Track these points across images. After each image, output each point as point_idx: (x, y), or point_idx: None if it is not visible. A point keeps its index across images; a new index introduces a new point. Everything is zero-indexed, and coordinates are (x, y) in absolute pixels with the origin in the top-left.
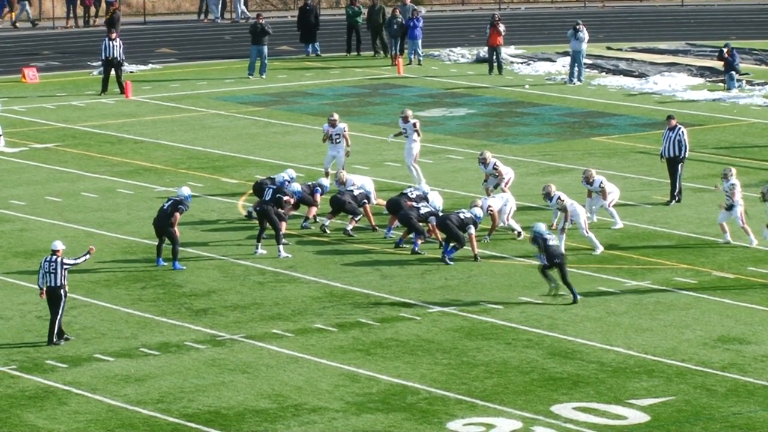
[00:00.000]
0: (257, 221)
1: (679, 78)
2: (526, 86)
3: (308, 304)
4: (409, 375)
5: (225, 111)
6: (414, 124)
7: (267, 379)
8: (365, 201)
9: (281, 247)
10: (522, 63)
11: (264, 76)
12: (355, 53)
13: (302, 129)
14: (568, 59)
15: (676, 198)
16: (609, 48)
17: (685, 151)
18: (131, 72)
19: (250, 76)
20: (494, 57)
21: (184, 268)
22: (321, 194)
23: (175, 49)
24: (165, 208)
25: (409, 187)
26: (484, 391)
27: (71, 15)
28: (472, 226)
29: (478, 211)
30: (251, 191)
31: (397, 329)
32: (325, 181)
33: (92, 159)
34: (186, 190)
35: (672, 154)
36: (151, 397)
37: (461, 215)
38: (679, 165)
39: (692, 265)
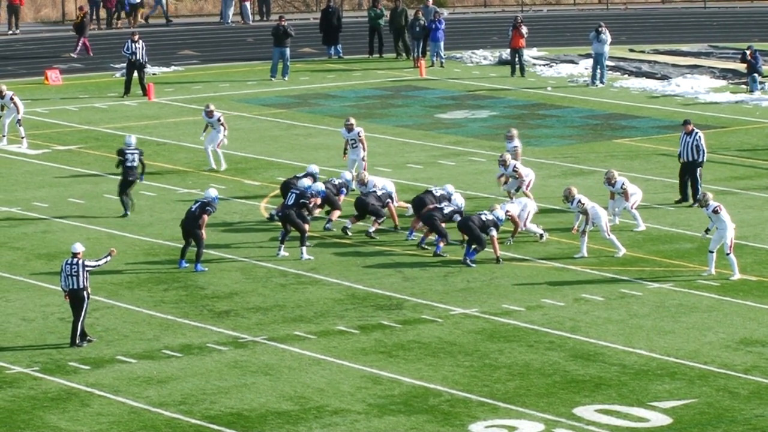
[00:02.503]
0: (281, 223)
1: (701, 80)
2: (549, 88)
3: (330, 306)
4: (431, 377)
5: (247, 113)
6: (358, 133)
7: (289, 381)
8: (389, 200)
9: (304, 249)
10: (544, 65)
11: (286, 78)
12: (378, 55)
13: (324, 131)
14: (590, 61)
15: (696, 201)
16: (631, 50)
17: (703, 156)
18: (154, 74)
19: (273, 78)
20: (516, 59)
21: (206, 270)
22: (345, 194)
23: (197, 51)
24: (193, 210)
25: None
26: (506, 394)
27: (94, 17)
28: (493, 229)
29: (500, 213)
30: (278, 191)
31: (419, 331)
32: (348, 175)
33: (115, 161)
34: (213, 192)
35: (690, 159)
36: (174, 399)
37: (483, 217)
38: (698, 169)
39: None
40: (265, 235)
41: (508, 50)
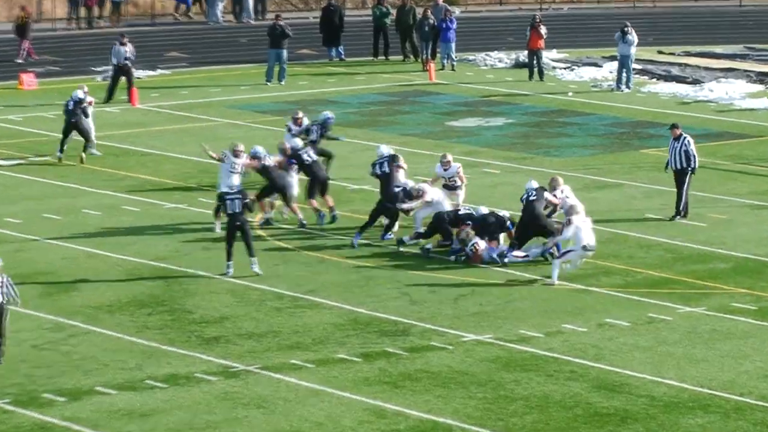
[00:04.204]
0: (227, 236)
1: (736, 84)
2: (570, 93)
3: (330, 331)
4: (440, 410)
5: (240, 120)
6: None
7: (285, 414)
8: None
9: (255, 260)
10: (565, 68)
11: (283, 83)
12: (383, 57)
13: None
14: (615, 64)
15: (681, 213)
16: (660, 52)
17: (694, 162)
18: (138, 78)
19: (268, 83)
20: (535, 62)
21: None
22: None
23: (185, 52)
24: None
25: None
26: (523, 428)
27: (74, 15)
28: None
29: (483, 210)
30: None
31: (428, 360)
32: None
33: (94, 173)
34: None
35: (679, 166)
36: None
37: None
38: (687, 177)
39: (751, 290)
40: (259, 254)
41: (526, 52)
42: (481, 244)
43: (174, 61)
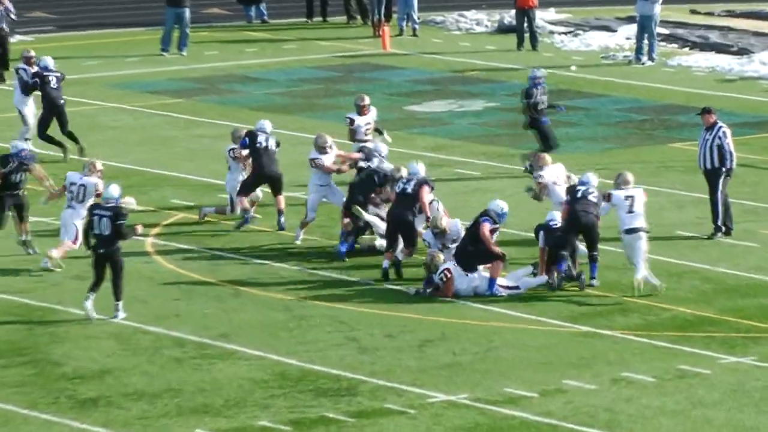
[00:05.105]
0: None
1: None
2: (573, 68)
3: (249, 390)
4: None
5: (127, 104)
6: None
7: None
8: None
9: (120, 304)
10: (567, 33)
11: (185, 53)
12: (320, 19)
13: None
14: (634, 28)
15: (722, 228)
16: (694, 11)
17: (730, 161)
18: None
19: (165, 53)
20: (526, 24)
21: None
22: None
23: (53, 12)
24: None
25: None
26: None
27: None
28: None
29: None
30: (177, 216)
31: (382, 428)
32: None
33: None
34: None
35: (710, 165)
36: None
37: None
38: (719, 180)
39: None
40: (150, 283)
41: (513, 11)
42: (455, 271)
43: (37, 23)
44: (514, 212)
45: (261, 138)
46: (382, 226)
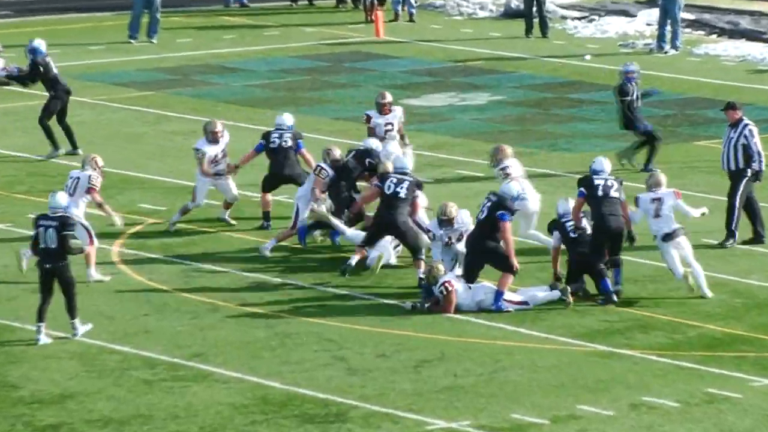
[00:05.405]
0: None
1: None
2: (588, 57)
3: (227, 416)
4: None
5: (89, 97)
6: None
7: None
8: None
9: (77, 322)
10: (580, 19)
11: (155, 40)
12: (306, 2)
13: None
14: (656, 12)
15: (735, 234)
16: None
17: (759, 162)
18: None
19: (133, 40)
20: (535, 8)
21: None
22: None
23: None
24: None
25: None
26: None
27: None
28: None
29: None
30: (142, 226)
31: None
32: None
33: None
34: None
35: (734, 166)
36: None
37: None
38: (743, 182)
39: None
40: (117, 297)
41: None
42: (457, 284)
43: None
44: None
45: (275, 136)
46: (347, 231)
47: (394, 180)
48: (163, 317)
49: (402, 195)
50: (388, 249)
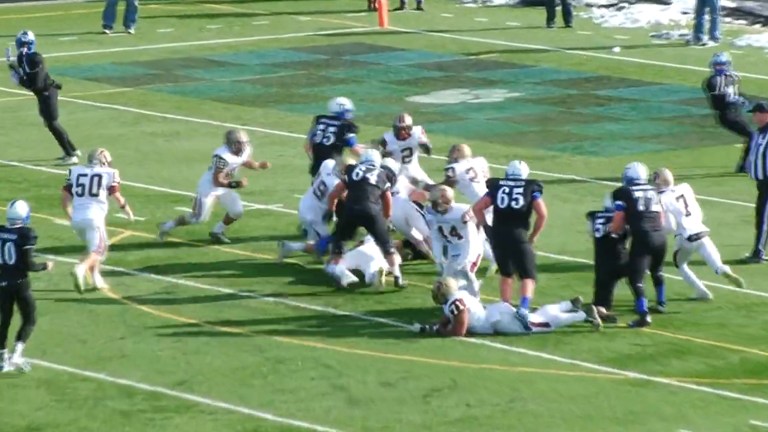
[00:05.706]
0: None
1: None
2: (616, 49)
3: None
4: None
5: (60, 94)
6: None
7: None
8: None
9: (20, 346)
10: (608, 7)
11: (132, 30)
12: None
13: (205, 127)
14: (692, 0)
15: (761, 253)
16: None
17: None
18: None
19: (108, 30)
20: None
21: None
22: None
23: None
24: None
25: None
26: None
27: None
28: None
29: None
30: (124, 234)
31: None
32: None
33: None
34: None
35: (761, 175)
36: None
37: None
38: None
39: None
40: (91, 317)
41: None
42: (470, 302)
43: None
44: (544, 232)
45: (359, 169)
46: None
47: (363, 168)
48: (142, 340)
49: (372, 181)
50: (380, 256)
